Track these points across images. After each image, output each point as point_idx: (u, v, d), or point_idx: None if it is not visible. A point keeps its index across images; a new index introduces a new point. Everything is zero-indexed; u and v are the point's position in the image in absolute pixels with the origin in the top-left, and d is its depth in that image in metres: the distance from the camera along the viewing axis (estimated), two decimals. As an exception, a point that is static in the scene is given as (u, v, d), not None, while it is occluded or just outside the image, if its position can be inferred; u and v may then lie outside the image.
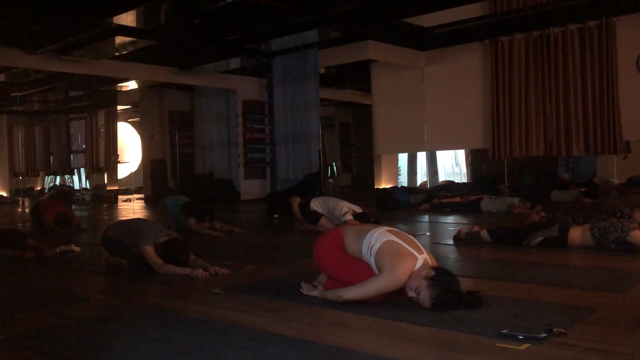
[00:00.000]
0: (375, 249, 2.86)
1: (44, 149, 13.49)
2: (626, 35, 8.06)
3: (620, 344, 2.21)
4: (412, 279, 2.73)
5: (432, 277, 2.67)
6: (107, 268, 4.39)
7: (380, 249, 2.84)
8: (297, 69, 10.10)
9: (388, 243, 2.85)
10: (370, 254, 2.89)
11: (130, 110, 13.86)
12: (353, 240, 3.02)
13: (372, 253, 2.87)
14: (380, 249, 2.84)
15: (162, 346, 2.43)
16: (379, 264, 2.83)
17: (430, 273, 2.69)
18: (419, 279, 2.70)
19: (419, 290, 2.68)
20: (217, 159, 12.44)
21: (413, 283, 2.71)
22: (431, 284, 2.66)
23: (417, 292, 2.69)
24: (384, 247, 2.84)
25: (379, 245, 2.86)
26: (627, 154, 8.43)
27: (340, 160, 15.64)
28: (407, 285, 2.74)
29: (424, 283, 2.67)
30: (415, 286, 2.70)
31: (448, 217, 7.62)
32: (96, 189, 13.23)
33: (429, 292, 2.66)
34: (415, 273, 2.73)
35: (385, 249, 2.83)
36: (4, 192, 12.41)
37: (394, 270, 2.74)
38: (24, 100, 12.25)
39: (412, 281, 2.72)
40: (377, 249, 2.85)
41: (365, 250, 2.92)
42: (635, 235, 4.22)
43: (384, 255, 2.81)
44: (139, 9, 7.01)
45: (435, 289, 2.65)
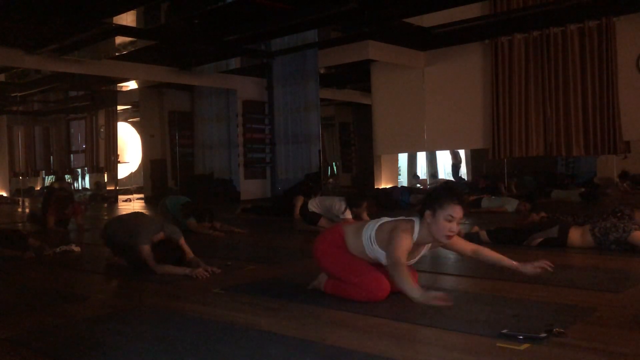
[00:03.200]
0: (374, 235, 2.90)
1: (44, 149, 13.50)
2: (626, 35, 8.06)
3: (620, 344, 2.20)
4: (437, 233, 2.74)
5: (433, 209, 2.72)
6: (107, 268, 4.39)
7: (377, 232, 2.89)
8: (297, 69, 10.10)
9: (382, 224, 2.92)
10: (371, 243, 2.90)
11: (130, 110, 13.87)
12: (353, 237, 3.01)
13: (373, 240, 2.90)
14: (377, 232, 2.89)
15: (162, 346, 2.43)
16: (384, 243, 2.85)
17: (429, 214, 2.74)
18: (439, 224, 2.71)
19: (448, 217, 2.70)
20: (217, 159, 12.44)
21: (442, 228, 2.72)
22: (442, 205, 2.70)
23: (451, 220, 2.71)
24: (380, 228, 2.90)
25: (376, 229, 2.90)
26: (627, 154, 8.43)
27: (340, 160, 15.65)
28: (444, 235, 2.74)
29: (441, 214, 2.70)
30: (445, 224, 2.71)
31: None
32: (97, 189, 13.23)
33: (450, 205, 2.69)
34: (432, 229, 2.75)
35: (382, 229, 2.89)
36: (4, 192, 12.41)
37: (393, 233, 2.78)
38: (24, 100, 12.26)
39: (440, 232, 2.73)
40: (374, 235, 2.89)
41: (366, 241, 2.93)
42: (637, 236, 4.22)
43: (383, 233, 2.86)
44: (139, 9, 7.01)
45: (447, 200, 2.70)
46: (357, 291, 2.97)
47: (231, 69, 10.88)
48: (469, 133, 9.74)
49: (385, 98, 10.73)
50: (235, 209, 8.61)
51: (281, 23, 7.92)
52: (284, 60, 10.33)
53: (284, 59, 10.31)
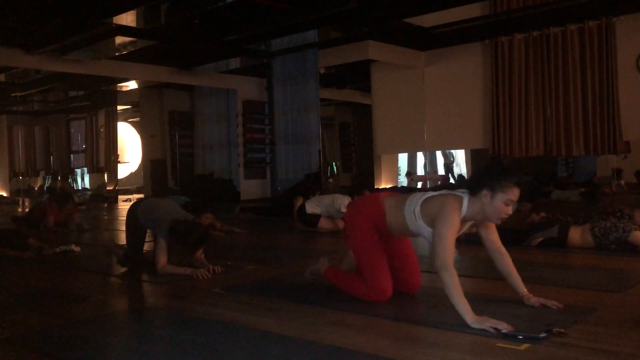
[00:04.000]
0: (419, 209, 2.77)
1: (44, 149, 13.50)
2: (626, 35, 8.06)
3: (620, 344, 2.20)
4: (491, 216, 2.64)
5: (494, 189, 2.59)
6: (107, 268, 4.39)
7: (423, 206, 2.76)
8: (297, 69, 10.11)
9: (429, 198, 2.79)
10: (415, 218, 2.77)
11: (130, 110, 13.87)
12: (394, 210, 2.88)
13: (417, 214, 2.77)
14: (422, 206, 2.76)
15: (162, 346, 2.43)
16: (429, 218, 2.73)
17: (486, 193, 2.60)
18: (495, 205, 2.60)
19: (507, 201, 2.59)
20: (217, 159, 12.44)
21: (498, 210, 2.61)
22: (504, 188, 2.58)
23: (509, 203, 2.61)
24: (427, 202, 2.77)
25: (420, 203, 2.78)
26: (627, 154, 8.43)
27: (340, 160, 15.65)
28: (498, 217, 2.64)
29: (500, 197, 2.59)
30: (502, 207, 2.60)
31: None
32: (98, 189, 13.23)
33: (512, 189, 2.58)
34: (486, 209, 2.63)
35: (428, 202, 2.76)
36: (4, 192, 12.41)
37: (444, 209, 2.65)
38: (24, 100, 12.26)
39: (494, 214, 2.63)
40: (420, 209, 2.77)
41: (410, 216, 2.80)
42: (637, 236, 4.22)
43: (429, 208, 2.73)
44: (139, 9, 7.01)
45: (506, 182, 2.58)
46: (360, 286, 2.96)
47: (231, 69, 10.88)
48: (469, 133, 9.73)
49: (385, 98, 10.73)
50: (234, 208, 8.61)
51: (281, 23, 7.92)
52: (284, 60, 10.33)
53: (284, 59, 10.31)
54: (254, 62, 10.71)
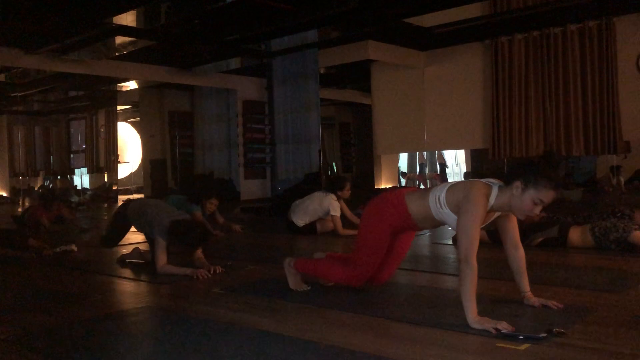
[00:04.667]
0: (443, 197, 2.72)
1: (44, 149, 13.49)
2: (626, 35, 8.06)
3: (620, 344, 2.20)
4: (519, 210, 2.55)
5: (527, 185, 2.49)
6: (107, 268, 4.39)
7: (448, 193, 2.71)
8: (297, 69, 10.10)
9: (454, 184, 2.75)
10: (440, 205, 2.72)
11: (130, 110, 13.87)
12: (418, 201, 2.85)
13: (442, 202, 2.72)
14: (447, 193, 2.71)
15: (162, 346, 2.43)
16: (454, 205, 2.67)
17: (519, 185, 2.51)
18: (525, 200, 2.50)
19: (537, 200, 2.50)
20: (217, 159, 12.44)
21: (526, 208, 2.52)
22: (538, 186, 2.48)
23: (538, 203, 2.51)
24: (452, 188, 2.72)
25: (445, 191, 2.73)
26: (627, 153, 8.43)
27: (340, 160, 15.64)
28: (523, 212, 2.55)
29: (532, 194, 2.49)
30: (530, 204, 2.51)
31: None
32: (99, 189, 13.23)
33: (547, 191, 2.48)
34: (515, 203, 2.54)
35: (453, 189, 2.71)
36: (4, 192, 12.41)
37: (470, 196, 2.57)
38: (24, 100, 12.25)
39: (524, 209, 2.53)
40: (444, 196, 2.71)
41: (434, 203, 2.75)
42: (637, 236, 4.22)
43: (454, 194, 2.67)
44: (139, 9, 7.01)
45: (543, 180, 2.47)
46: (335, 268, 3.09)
47: (231, 69, 10.88)
48: (469, 133, 9.74)
49: (385, 98, 10.73)
50: (234, 208, 8.62)
51: (281, 23, 7.92)
52: (284, 60, 10.33)
53: (284, 59, 10.31)
54: (254, 62, 10.70)
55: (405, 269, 4.06)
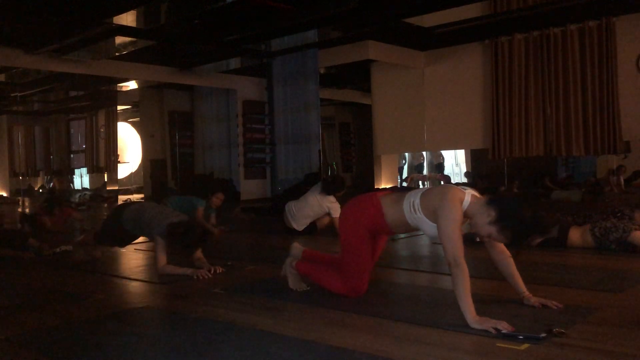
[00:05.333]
0: (417, 202, 2.77)
1: (44, 149, 13.48)
2: (626, 35, 8.06)
3: (620, 344, 2.21)
4: (477, 227, 2.62)
5: (497, 219, 2.55)
6: (107, 268, 4.39)
7: (422, 199, 2.77)
8: (297, 69, 10.10)
9: (428, 190, 2.80)
10: (414, 210, 2.77)
11: (130, 110, 13.86)
12: (393, 207, 2.89)
13: (417, 208, 2.77)
14: (421, 199, 2.76)
15: (163, 346, 2.43)
16: (429, 210, 2.72)
17: (492, 215, 2.56)
18: (486, 226, 2.58)
19: (493, 236, 2.60)
20: (217, 159, 12.43)
21: (483, 231, 2.61)
22: (502, 228, 2.55)
23: (493, 238, 2.62)
24: (426, 194, 2.77)
25: (420, 197, 2.78)
26: (627, 153, 8.43)
27: (340, 160, 15.64)
28: (478, 234, 2.65)
29: (493, 229, 2.57)
30: (486, 234, 2.61)
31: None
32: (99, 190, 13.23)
33: (505, 237, 2.58)
34: (478, 219, 2.61)
35: (428, 195, 2.77)
36: (4, 192, 12.40)
37: (445, 201, 2.62)
38: (24, 100, 12.24)
39: (480, 230, 2.62)
40: (419, 202, 2.77)
41: (408, 209, 2.80)
42: (637, 236, 4.23)
43: (429, 200, 2.73)
44: (139, 9, 7.01)
45: (508, 231, 2.55)
46: (335, 280, 3.07)
47: (231, 69, 10.87)
48: (469, 133, 9.73)
49: (385, 98, 10.73)
50: (234, 208, 8.61)
51: (281, 23, 7.92)
52: (284, 60, 10.32)
53: (284, 59, 10.30)
54: (254, 62, 10.70)
55: (405, 269, 4.06)
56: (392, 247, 4.99)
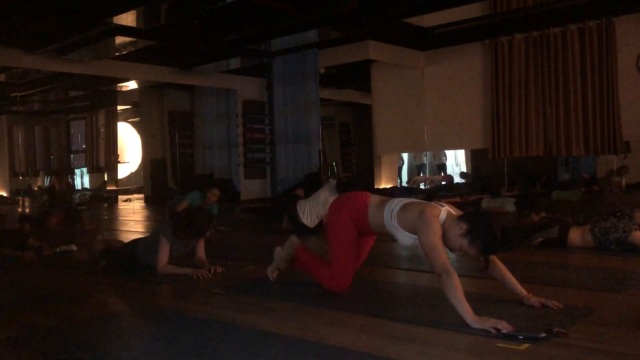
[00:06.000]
0: (396, 211, 2.89)
1: (44, 149, 13.49)
2: (626, 35, 8.06)
3: (620, 344, 2.20)
4: (449, 240, 2.70)
5: (468, 232, 2.64)
6: (107, 268, 4.39)
7: (401, 210, 2.88)
8: (297, 69, 10.10)
9: (407, 203, 2.90)
10: (391, 218, 2.90)
11: (130, 110, 13.86)
12: (376, 209, 3.01)
13: (394, 216, 2.89)
14: (400, 210, 2.88)
15: (162, 346, 2.43)
16: (405, 222, 2.84)
17: (464, 228, 2.64)
18: (457, 238, 2.67)
19: (464, 249, 2.67)
20: (217, 159, 12.44)
21: (454, 244, 2.69)
22: (472, 240, 2.63)
23: (463, 250, 2.69)
24: (405, 207, 2.88)
25: (399, 207, 2.89)
26: (627, 153, 8.43)
27: (340, 160, 15.64)
28: (449, 247, 2.72)
29: (464, 242, 2.65)
30: (458, 247, 2.69)
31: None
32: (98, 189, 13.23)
33: (475, 249, 2.64)
34: (450, 233, 2.69)
35: (407, 208, 2.87)
36: (4, 192, 12.40)
37: (424, 216, 2.72)
38: (24, 100, 12.24)
39: (452, 243, 2.70)
40: (397, 211, 2.88)
41: (387, 215, 2.92)
42: (637, 236, 4.22)
43: (407, 213, 2.85)
44: (139, 9, 7.01)
45: (478, 243, 2.63)
46: (323, 270, 3.16)
47: (231, 69, 10.88)
48: (469, 133, 9.73)
49: (385, 98, 10.73)
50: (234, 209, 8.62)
51: (281, 23, 7.92)
52: (284, 60, 10.33)
53: (284, 59, 10.31)
54: (254, 62, 10.70)
55: (405, 269, 4.06)
56: (392, 247, 4.98)
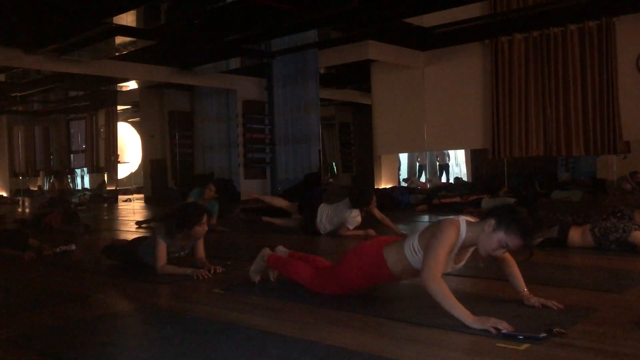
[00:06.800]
0: (416, 244, 2.73)
1: (44, 149, 13.49)
2: (626, 35, 8.06)
3: (620, 344, 2.21)
4: (483, 243, 2.56)
5: (498, 224, 2.52)
6: (107, 268, 4.39)
7: (420, 239, 2.73)
8: (297, 69, 10.10)
9: (423, 230, 2.77)
10: (415, 252, 2.75)
11: (130, 110, 13.86)
12: (396, 254, 2.84)
13: (416, 249, 2.73)
14: (419, 239, 2.73)
15: (162, 346, 2.43)
16: (425, 243, 2.67)
17: (492, 223, 2.54)
18: (491, 236, 2.53)
19: (502, 242, 2.53)
20: (217, 159, 12.43)
21: (490, 245, 2.55)
22: (507, 228, 2.50)
23: (504, 246, 2.54)
24: (422, 234, 2.74)
25: (418, 235, 2.75)
26: (627, 153, 8.42)
27: (340, 160, 15.64)
28: (485, 251, 2.57)
29: (500, 235, 2.52)
30: (495, 245, 2.54)
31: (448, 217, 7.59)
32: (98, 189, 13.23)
33: (514, 236, 2.51)
34: (481, 236, 2.56)
35: (423, 234, 2.73)
36: (4, 192, 12.40)
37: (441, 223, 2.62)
38: (24, 100, 12.24)
39: (487, 244, 2.55)
40: (417, 244, 2.73)
41: (410, 253, 2.77)
42: (636, 236, 4.23)
43: (426, 239, 2.68)
44: (139, 9, 7.00)
45: (514, 228, 2.50)
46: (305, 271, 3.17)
47: (231, 69, 10.87)
48: (469, 133, 9.73)
49: (385, 98, 10.72)
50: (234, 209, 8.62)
51: (281, 23, 7.92)
52: (284, 60, 10.32)
53: (284, 59, 10.30)
54: (254, 62, 10.70)
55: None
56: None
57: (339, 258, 3.22)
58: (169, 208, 4.21)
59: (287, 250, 3.61)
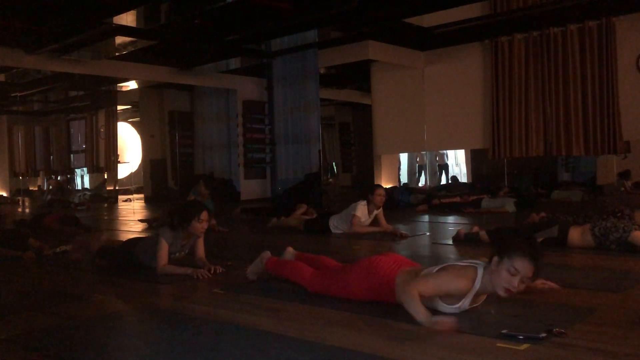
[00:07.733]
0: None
1: (44, 149, 13.48)
2: (626, 35, 8.06)
3: (620, 344, 2.21)
4: (497, 281, 2.46)
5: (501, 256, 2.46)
6: (107, 268, 4.39)
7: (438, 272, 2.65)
8: (297, 69, 10.10)
9: (444, 267, 2.67)
10: None
11: (130, 110, 13.86)
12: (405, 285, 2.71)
13: None
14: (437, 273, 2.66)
15: (163, 346, 2.43)
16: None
17: (495, 259, 2.48)
18: (500, 272, 2.44)
19: (512, 270, 2.42)
20: (217, 159, 12.43)
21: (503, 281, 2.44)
22: (510, 258, 2.42)
23: (514, 273, 2.42)
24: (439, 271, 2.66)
25: (435, 271, 2.67)
26: (627, 153, 8.42)
27: (340, 160, 15.64)
28: (502, 286, 2.45)
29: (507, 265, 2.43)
30: (506, 276, 2.43)
31: (448, 217, 7.62)
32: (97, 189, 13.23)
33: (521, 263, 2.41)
34: (493, 275, 2.48)
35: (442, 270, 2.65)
36: (4, 192, 12.40)
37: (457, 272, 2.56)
38: (24, 100, 12.24)
39: (500, 281, 2.45)
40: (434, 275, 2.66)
41: None
42: (637, 236, 4.22)
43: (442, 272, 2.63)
44: (139, 9, 7.01)
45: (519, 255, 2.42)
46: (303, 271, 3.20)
47: (231, 69, 10.88)
48: (469, 133, 9.73)
49: (385, 98, 10.72)
50: (234, 208, 8.61)
51: (281, 23, 7.92)
52: (284, 60, 10.32)
53: (284, 59, 10.30)
54: (254, 62, 10.70)
55: (405, 269, 4.05)
56: (392, 247, 4.99)
57: (351, 262, 3.21)
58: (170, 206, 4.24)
59: (295, 251, 3.61)
